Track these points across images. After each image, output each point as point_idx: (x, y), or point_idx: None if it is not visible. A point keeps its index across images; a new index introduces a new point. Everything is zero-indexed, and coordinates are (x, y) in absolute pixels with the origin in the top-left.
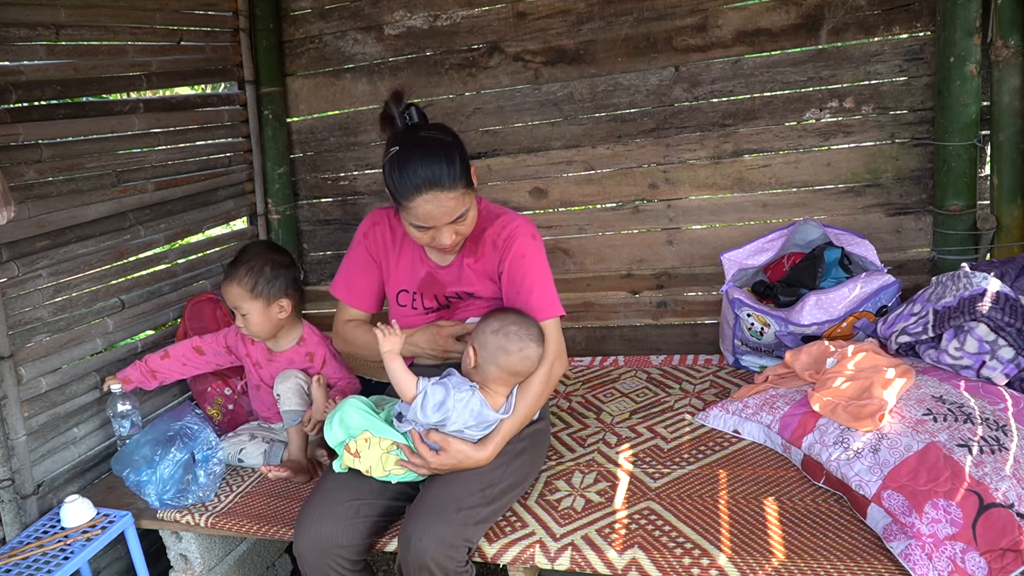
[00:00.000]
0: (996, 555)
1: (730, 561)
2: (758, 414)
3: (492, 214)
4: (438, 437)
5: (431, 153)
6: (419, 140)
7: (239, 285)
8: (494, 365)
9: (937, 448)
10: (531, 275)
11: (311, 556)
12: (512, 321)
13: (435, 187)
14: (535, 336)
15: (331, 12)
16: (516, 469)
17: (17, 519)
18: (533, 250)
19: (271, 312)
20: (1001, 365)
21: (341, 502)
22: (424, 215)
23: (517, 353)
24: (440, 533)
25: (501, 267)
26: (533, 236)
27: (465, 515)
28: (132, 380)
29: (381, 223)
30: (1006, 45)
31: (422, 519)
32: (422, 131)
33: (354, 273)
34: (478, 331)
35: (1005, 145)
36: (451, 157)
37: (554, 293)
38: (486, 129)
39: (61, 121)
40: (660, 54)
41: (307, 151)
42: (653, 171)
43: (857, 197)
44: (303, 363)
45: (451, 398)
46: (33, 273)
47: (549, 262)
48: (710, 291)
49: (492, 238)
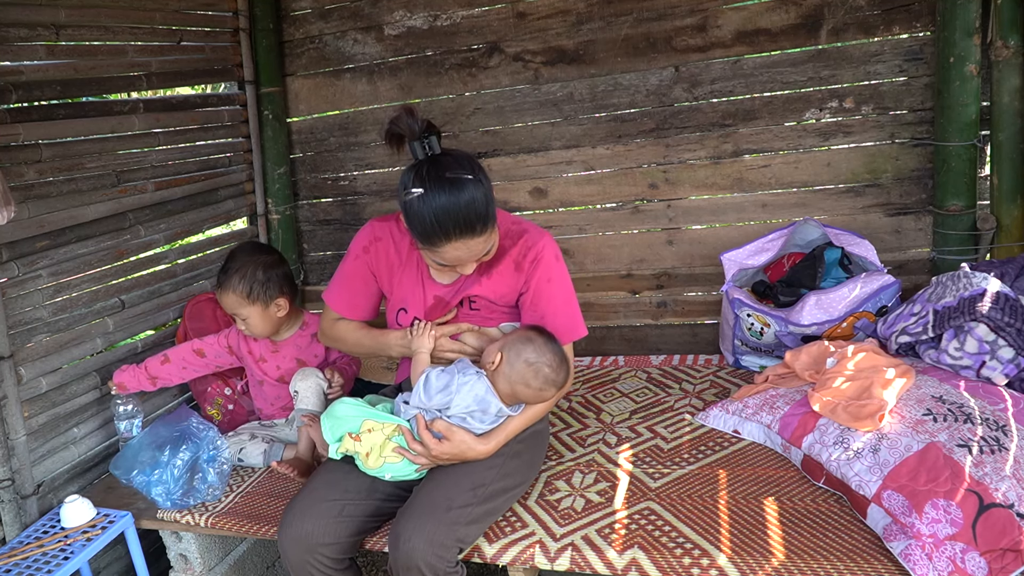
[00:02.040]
0: (996, 555)
1: (730, 561)
2: (758, 414)
3: (512, 231)
4: (442, 425)
5: (461, 199)
6: (446, 182)
7: (234, 293)
8: (509, 385)
9: (937, 448)
10: (556, 299)
11: (293, 553)
12: (548, 363)
13: (466, 234)
14: (560, 382)
15: (331, 12)
16: (512, 471)
17: (17, 519)
18: (558, 273)
19: (270, 312)
20: (1001, 365)
21: (325, 500)
22: (453, 259)
23: (536, 391)
24: (430, 533)
25: (525, 288)
26: (557, 258)
27: (456, 514)
28: (128, 387)
29: (384, 238)
30: (1006, 45)
31: (412, 518)
32: (448, 170)
33: (350, 286)
34: (514, 347)
35: (1005, 145)
36: (480, 202)
37: (577, 315)
38: (486, 129)
39: (61, 121)
40: (660, 54)
41: (307, 151)
42: (653, 171)
43: (857, 197)
44: (308, 346)
45: (455, 381)
46: (33, 273)
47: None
48: (710, 291)
49: (516, 259)
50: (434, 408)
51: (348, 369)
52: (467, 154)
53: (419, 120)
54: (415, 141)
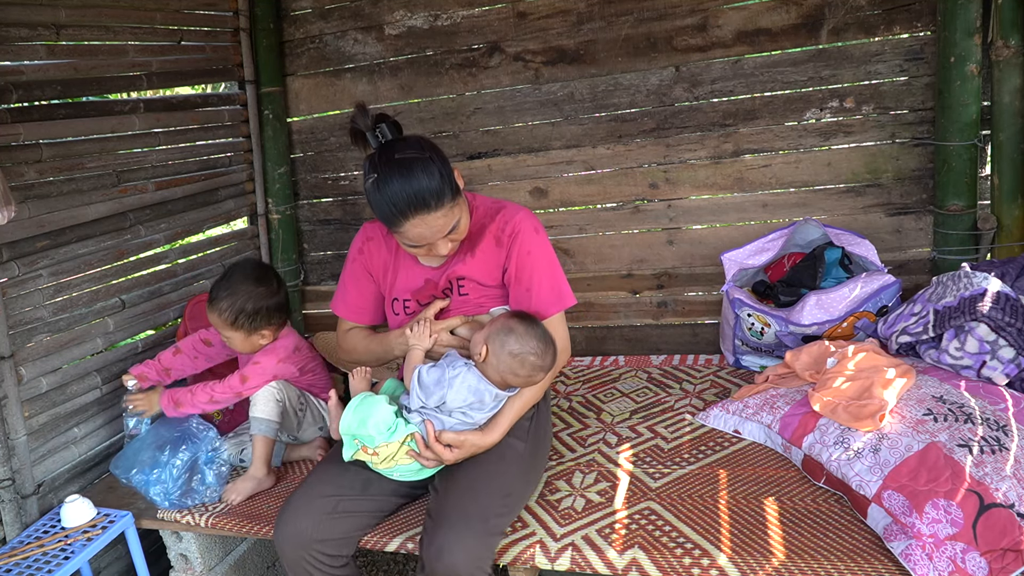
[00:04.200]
0: (996, 555)
1: (730, 561)
2: (758, 414)
3: (490, 210)
4: (450, 437)
5: (411, 176)
6: (395, 163)
7: (220, 316)
8: (499, 375)
9: (937, 448)
10: (538, 271)
11: (288, 551)
12: (532, 350)
13: (421, 210)
14: (547, 365)
15: (331, 12)
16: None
17: (17, 519)
18: (538, 244)
19: (252, 339)
20: (1001, 365)
21: (320, 497)
22: (416, 237)
23: (526, 378)
24: (471, 547)
25: (507, 263)
26: (536, 230)
27: (492, 525)
28: (149, 379)
29: (375, 237)
30: (1006, 45)
31: (451, 531)
32: (397, 152)
33: (352, 290)
34: (497, 338)
35: (1005, 145)
36: (431, 175)
37: (562, 283)
38: (486, 129)
39: (61, 121)
40: (660, 54)
41: (307, 151)
42: (653, 171)
43: (857, 197)
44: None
45: (446, 374)
46: (33, 273)
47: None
48: (710, 291)
49: (495, 234)
50: (433, 405)
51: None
52: (419, 136)
53: (369, 114)
54: (368, 132)
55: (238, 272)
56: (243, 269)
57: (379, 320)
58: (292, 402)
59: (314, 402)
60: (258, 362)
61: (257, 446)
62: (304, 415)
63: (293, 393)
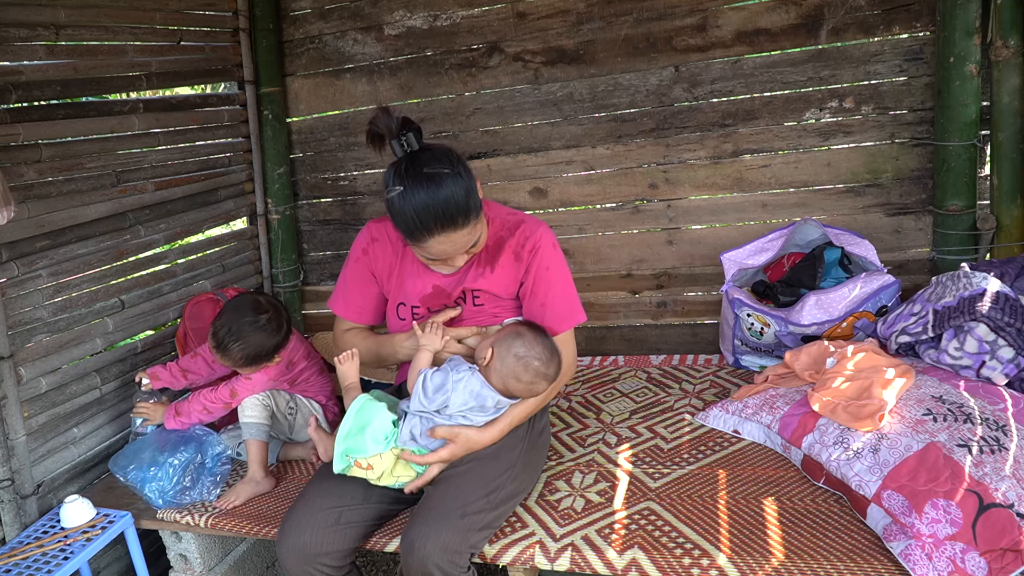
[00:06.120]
0: (996, 555)
1: (730, 561)
2: (758, 414)
3: (507, 222)
4: (443, 431)
5: (440, 194)
6: (424, 178)
7: (233, 361)
8: (501, 379)
9: (937, 448)
10: (555, 286)
11: (292, 565)
12: (537, 356)
13: (448, 228)
14: (551, 374)
15: (331, 12)
16: (520, 473)
17: (17, 519)
18: (556, 260)
19: (258, 368)
20: (1001, 365)
21: (322, 509)
22: (439, 253)
23: (527, 385)
24: (444, 539)
25: (525, 277)
26: (554, 246)
27: (470, 520)
28: (160, 378)
29: (381, 238)
30: (1006, 45)
31: (426, 523)
32: (425, 165)
33: (353, 289)
34: (504, 342)
35: (1005, 145)
36: (459, 193)
37: (575, 300)
38: (486, 129)
39: (61, 121)
40: (660, 54)
41: (307, 151)
42: (653, 171)
43: (857, 197)
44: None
45: (449, 380)
46: (33, 273)
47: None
48: (710, 291)
49: (515, 249)
50: (433, 409)
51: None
52: (446, 147)
53: (395, 118)
54: (393, 139)
55: (239, 314)
56: (245, 311)
57: (378, 321)
58: (280, 407)
59: (305, 403)
60: (250, 378)
61: (251, 450)
62: (295, 418)
63: (282, 399)
